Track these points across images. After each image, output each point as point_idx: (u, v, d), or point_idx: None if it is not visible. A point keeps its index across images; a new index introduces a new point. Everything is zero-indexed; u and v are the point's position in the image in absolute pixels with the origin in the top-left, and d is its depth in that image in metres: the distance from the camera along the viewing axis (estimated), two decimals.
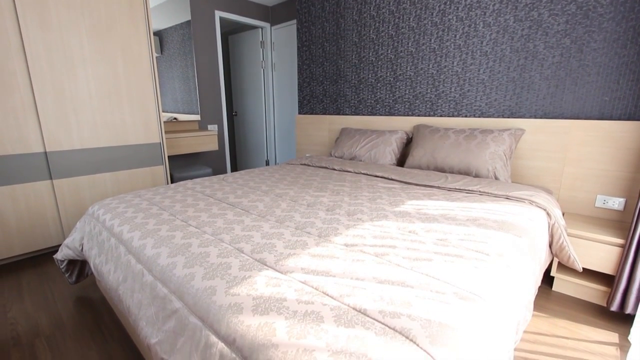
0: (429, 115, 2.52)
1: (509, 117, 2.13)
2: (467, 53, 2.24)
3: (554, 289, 1.80)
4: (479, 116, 2.26)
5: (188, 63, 3.41)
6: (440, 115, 2.46)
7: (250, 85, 4.38)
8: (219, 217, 1.36)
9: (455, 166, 2.08)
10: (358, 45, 2.84)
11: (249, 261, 0.99)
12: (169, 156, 3.42)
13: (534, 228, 1.35)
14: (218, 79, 3.75)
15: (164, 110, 3.29)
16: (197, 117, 3.59)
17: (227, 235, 1.18)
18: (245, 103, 4.56)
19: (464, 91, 2.30)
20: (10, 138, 1.96)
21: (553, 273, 1.74)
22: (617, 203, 1.78)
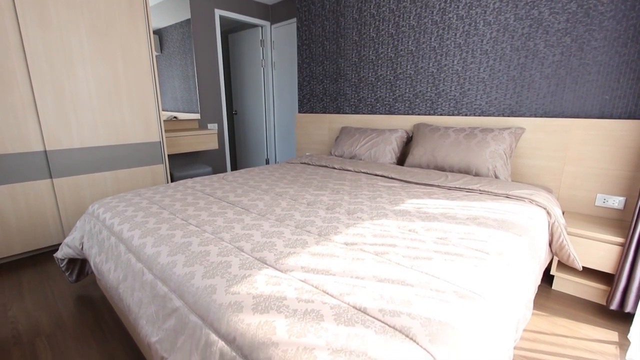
0: (429, 114, 2.52)
1: (509, 116, 2.13)
2: (468, 52, 2.23)
3: (553, 287, 1.80)
4: (479, 115, 2.26)
5: (188, 62, 3.40)
6: (441, 114, 2.45)
7: (250, 84, 4.37)
8: (219, 216, 1.36)
9: (455, 165, 2.08)
10: (358, 44, 2.84)
11: (249, 260, 0.99)
12: (169, 155, 3.42)
13: (534, 227, 1.35)
14: (218, 78, 3.74)
15: (163, 109, 3.28)
16: (197, 116, 3.59)
17: (227, 234, 1.18)
18: (245, 102, 4.55)
19: (464, 90, 2.30)
20: (10, 137, 1.96)
21: (553, 272, 1.75)
22: (617, 202, 1.78)
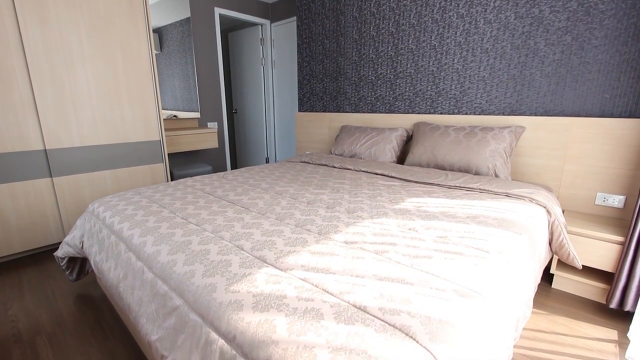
0: (429, 113, 2.52)
1: (509, 115, 2.13)
2: (468, 50, 2.23)
3: (553, 286, 1.80)
4: (480, 114, 2.26)
5: (188, 60, 3.40)
6: (441, 113, 2.45)
7: (250, 82, 4.37)
8: (219, 215, 1.36)
9: (455, 164, 2.08)
10: (358, 43, 2.83)
11: (249, 258, 0.99)
12: (169, 154, 3.42)
13: (534, 225, 1.35)
14: (218, 77, 3.74)
15: (163, 108, 3.28)
16: (197, 115, 3.59)
17: (227, 233, 1.18)
18: (245, 100, 4.55)
19: (465, 88, 2.30)
20: (10, 135, 1.96)
21: (553, 270, 1.75)
22: (617, 201, 1.78)
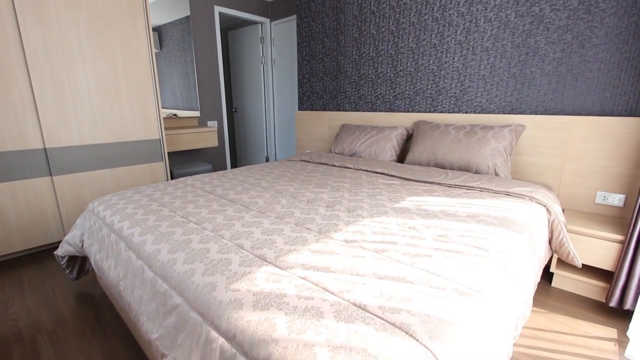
0: (429, 112, 2.52)
1: (509, 113, 2.13)
2: (468, 49, 2.23)
3: (553, 284, 1.80)
4: (480, 112, 2.26)
5: (187, 59, 3.39)
6: (441, 112, 2.45)
7: (250, 81, 4.36)
8: (219, 214, 1.36)
9: (455, 162, 2.08)
10: (358, 41, 2.83)
11: (249, 257, 0.99)
12: (169, 153, 3.42)
13: (534, 224, 1.35)
14: (218, 75, 3.73)
15: (163, 107, 3.28)
16: (197, 114, 3.58)
17: (227, 232, 1.18)
18: (245, 99, 4.54)
19: (465, 87, 2.29)
20: (9, 134, 1.96)
21: (552, 269, 1.75)
22: (617, 199, 1.78)
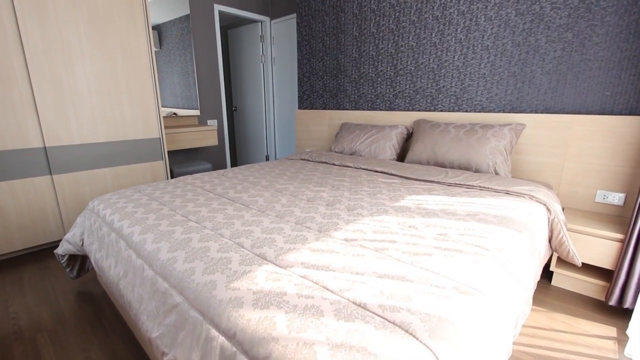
0: (429, 110, 2.51)
1: (509, 112, 2.12)
2: (468, 47, 2.22)
3: (553, 283, 1.80)
4: (480, 111, 2.26)
5: (187, 58, 3.39)
6: (441, 110, 2.45)
7: (250, 80, 4.36)
8: (219, 212, 1.36)
9: (455, 161, 2.08)
10: (358, 40, 2.82)
11: (249, 256, 0.99)
12: (169, 151, 3.41)
13: (534, 223, 1.35)
14: (217, 74, 3.73)
15: (163, 105, 3.27)
16: (197, 112, 3.58)
17: (227, 230, 1.18)
18: (245, 98, 4.54)
19: (465, 86, 2.29)
20: (9, 133, 1.96)
21: (552, 268, 1.75)
22: (617, 198, 1.78)
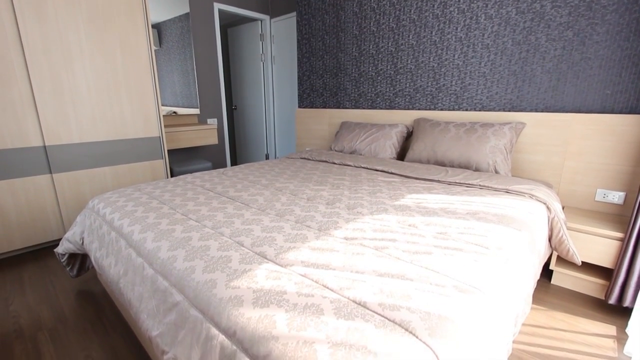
0: (429, 109, 2.51)
1: (509, 111, 2.12)
2: (469, 46, 2.22)
3: (552, 282, 1.81)
4: (480, 110, 2.25)
5: (187, 56, 3.38)
6: (441, 109, 2.44)
7: (250, 78, 4.35)
8: (219, 211, 1.36)
9: (455, 160, 2.08)
10: (358, 38, 2.82)
11: (249, 254, 0.99)
12: (169, 150, 3.41)
13: (534, 222, 1.35)
14: (217, 73, 3.72)
15: (163, 104, 3.27)
16: (197, 111, 3.57)
17: (227, 229, 1.18)
18: (244, 97, 4.53)
19: (465, 84, 2.29)
20: (9, 132, 1.96)
21: (552, 266, 1.75)
22: (617, 197, 1.78)
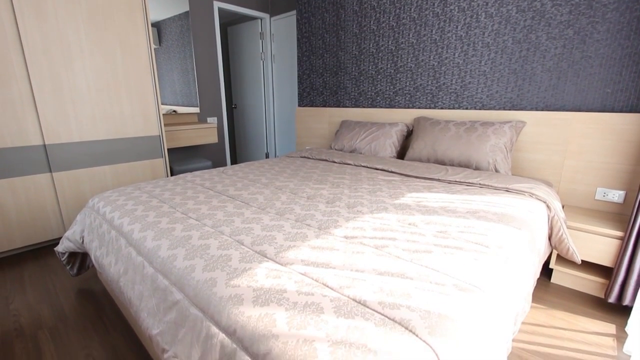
0: (429, 108, 2.51)
1: (510, 110, 2.12)
2: (469, 44, 2.21)
3: (552, 281, 1.81)
4: (480, 108, 2.25)
5: (187, 55, 3.37)
6: (441, 108, 2.44)
7: (250, 77, 4.34)
8: (219, 210, 1.36)
9: (455, 159, 2.08)
10: (358, 37, 2.81)
11: (249, 253, 0.99)
12: (169, 149, 3.41)
13: (534, 220, 1.35)
14: (217, 71, 3.72)
15: (162, 103, 3.27)
16: (197, 110, 3.57)
17: (227, 228, 1.18)
18: (244, 95, 4.53)
19: (465, 83, 2.28)
20: (9, 130, 1.96)
21: (552, 265, 1.75)
22: (617, 196, 1.78)
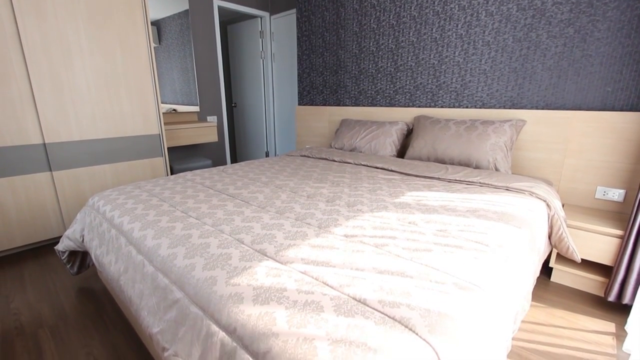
0: (429, 106, 2.51)
1: (510, 108, 2.12)
2: (469, 43, 2.21)
3: (552, 279, 1.81)
4: (480, 107, 2.25)
5: (186, 53, 3.37)
6: (441, 106, 2.44)
7: (250, 76, 4.34)
8: (219, 208, 1.36)
9: (455, 157, 2.08)
10: (359, 35, 2.81)
11: (249, 252, 0.99)
12: (169, 148, 3.41)
13: (534, 219, 1.35)
14: (217, 70, 3.71)
15: (162, 102, 3.26)
16: (196, 109, 3.57)
17: (227, 226, 1.18)
18: (244, 94, 4.52)
19: (465, 82, 2.28)
20: (8, 129, 1.95)
21: (552, 264, 1.76)
22: (617, 194, 1.78)
